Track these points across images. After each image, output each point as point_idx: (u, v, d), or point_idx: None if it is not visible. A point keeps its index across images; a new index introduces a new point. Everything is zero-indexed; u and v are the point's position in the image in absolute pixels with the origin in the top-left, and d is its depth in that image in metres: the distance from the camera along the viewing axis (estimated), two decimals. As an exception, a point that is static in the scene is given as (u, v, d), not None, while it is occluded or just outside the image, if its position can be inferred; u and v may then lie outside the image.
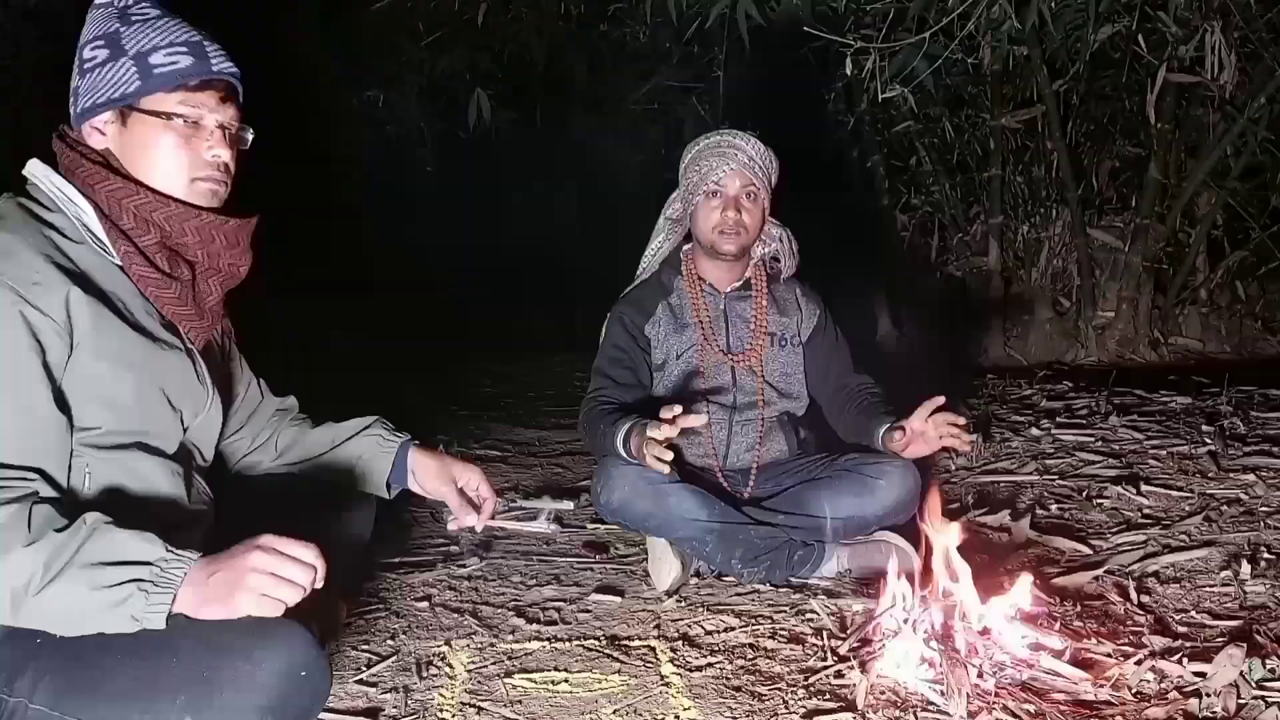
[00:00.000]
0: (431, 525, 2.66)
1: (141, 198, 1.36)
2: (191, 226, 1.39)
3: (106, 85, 1.36)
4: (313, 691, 1.22)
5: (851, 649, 1.80)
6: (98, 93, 1.36)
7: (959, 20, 3.49)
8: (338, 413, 1.79)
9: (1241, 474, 2.61)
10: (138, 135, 1.37)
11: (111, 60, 1.36)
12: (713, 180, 2.23)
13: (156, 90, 1.36)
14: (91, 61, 1.37)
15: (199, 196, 1.41)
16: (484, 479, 1.73)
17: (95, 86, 1.37)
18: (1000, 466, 2.95)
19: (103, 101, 1.36)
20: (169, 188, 1.39)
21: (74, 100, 1.39)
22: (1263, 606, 1.91)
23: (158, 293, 1.39)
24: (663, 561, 2.16)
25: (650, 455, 1.96)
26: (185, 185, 1.39)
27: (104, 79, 1.36)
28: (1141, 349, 4.81)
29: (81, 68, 1.38)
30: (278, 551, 1.20)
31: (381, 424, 1.75)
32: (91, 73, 1.37)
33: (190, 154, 1.39)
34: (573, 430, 3.57)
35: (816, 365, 2.39)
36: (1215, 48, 4.14)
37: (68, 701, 1.19)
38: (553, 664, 1.84)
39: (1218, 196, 4.67)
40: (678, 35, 5.04)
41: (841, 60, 3.60)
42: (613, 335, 2.35)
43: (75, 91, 1.39)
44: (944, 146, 5.22)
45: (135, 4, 1.40)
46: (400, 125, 5.99)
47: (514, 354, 5.74)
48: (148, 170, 1.38)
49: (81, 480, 1.30)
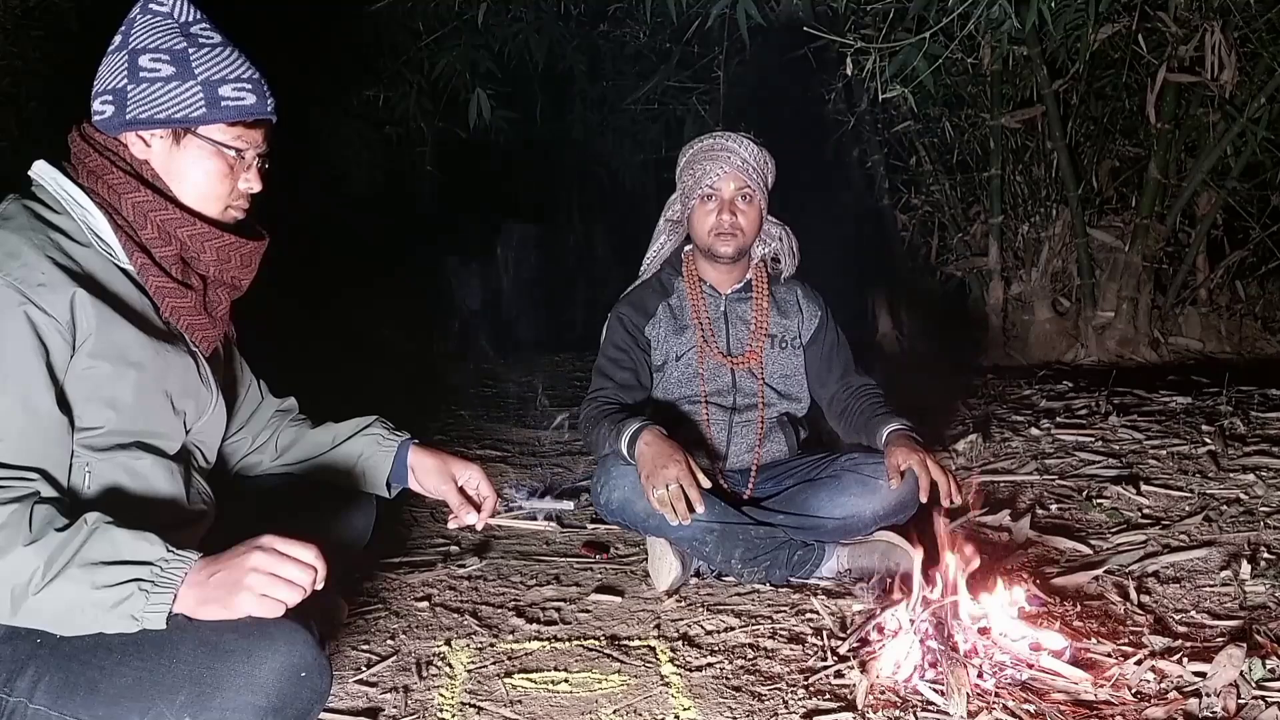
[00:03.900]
0: (431, 525, 2.66)
1: (169, 213, 1.39)
2: (212, 246, 1.43)
3: (170, 103, 1.37)
4: (313, 691, 1.22)
5: (851, 649, 1.80)
6: (157, 108, 1.36)
7: (959, 20, 3.48)
8: (338, 413, 1.79)
9: (1241, 474, 2.62)
10: (189, 157, 1.40)
11: (179, 80, 1.36)
12: (707, 184, 2.23)
13: (219, 121, 1.39)
14: (153, 73, 1.36)
15: (225, 220, 1.45)
16: (484, 477, 1.73)
17: (155, 100, 1.36)
18: (1000, 466, 2.95)
19: (162, 118, 1.37)
20: (202, 209, 1.42)
21: (117, 102, 1.37)
22: (1263, 606, 1.92)
23: (174, 303, 1.41)
24: (663, 561, 2.16)
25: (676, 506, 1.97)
26: (219, 211, 1.44)
27: (167, 95, 1.36)
28: (1141, 349, 4.81)
29: (136, 74, 1.36)
30: (278, 552, 1.20)
31: (381, 423, 1.76)
32: (152, 84, 1.36)
33: (230, 184, 1.43)
34: (573, 430, 3.57)
35: (817, 366, 2.39)
36: (1215, 47, 4.14)
37: (67, 701, 1.20)
38: (553, 664, 1.84)
39: (1217, 196, 4.67)
40: (678, 35, 5.04)
41: (841, 60, 3.59)
42: (613, 336, 2.35)
43: (121, 93, 1.37)
44: (944, 146, 5.21)
45: (197, 22, 1.41)
46: (400, 125, 5.98)
47: (514, 354, 5.74)
48: (186, 189, 1.41)
49: (82, 480, 1.31)
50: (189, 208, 1.41)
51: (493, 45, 5.25)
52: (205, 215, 1.42)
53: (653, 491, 2.00)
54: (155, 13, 1.39)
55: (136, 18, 1.40)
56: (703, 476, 2.01)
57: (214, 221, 1.43)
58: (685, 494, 1.97)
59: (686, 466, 2.00)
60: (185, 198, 1.41)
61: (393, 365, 5.15)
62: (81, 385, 1.29)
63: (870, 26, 4.26)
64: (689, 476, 1.99)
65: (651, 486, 2.01)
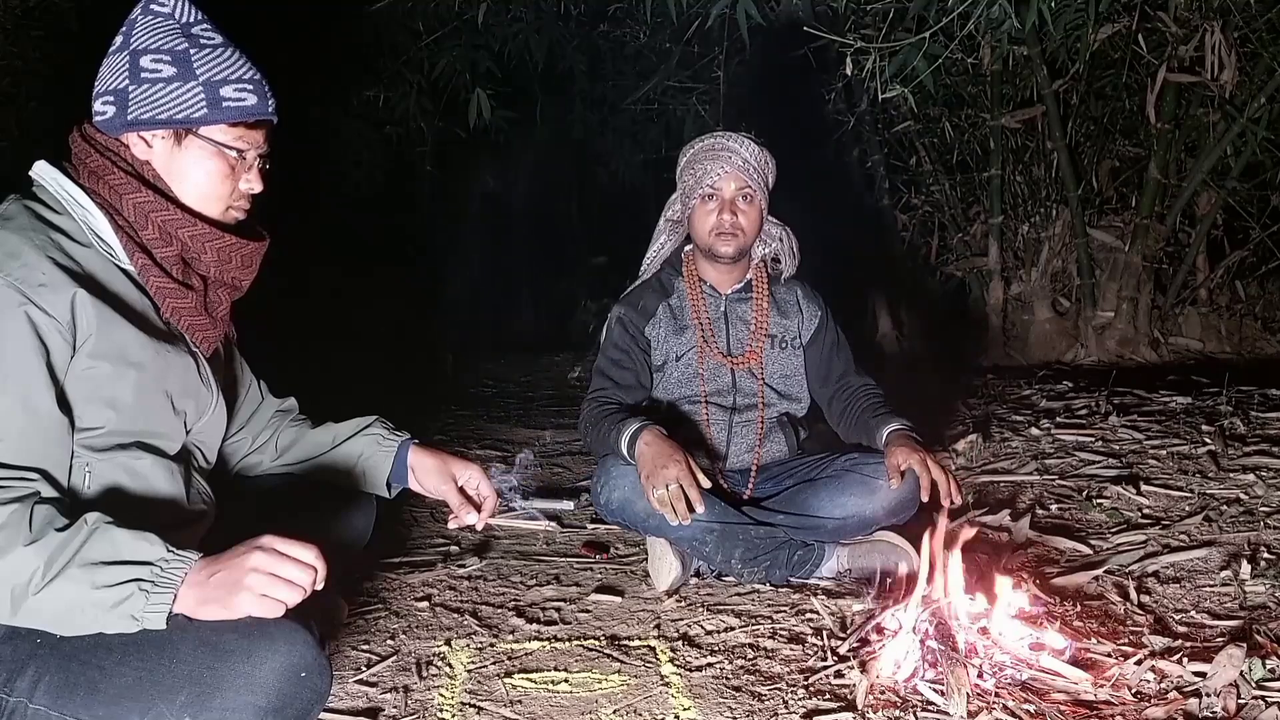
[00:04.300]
0: (431, 525, 2.66)
1: (170, 213, 1.39)
2: (214, 246, 1.43)
3: (171, 104, 1.37)
4: (313, 691, 1.22)
5: (851, 649, 1.80)
6: (159, 108, 1.37)
7: (959, 20, 3.48)
8: (338, 413, 1.79)
9: (1241, 474, 2.61)
10: (190, 157, 1.40)
11: (180, 81, 1.36)
12: (708, 184, 2.23)
13: (221, 122, 1.39)
14: (155, 74, 1.36)
15: (226, 220, 1.46)
16: (484, 477, 1.74)
17: (157, 101, 1.36)
18: (1000, 466, 2.95)
19: (164, 119, 1.37)
20: (203, 210, 1.42)
21: (119, 103, 1.37)
22: (1263, 606, 1.92)
23: (175, 304, 1.41)
24: (663, 561, 2.16)
25: (676, 506, 1.98)
26: (220, 211, 1.44)
27: (169, 97, 1.36)
28: (1141, 349, 4.81)
29: (137, 74, 1.36)
30: (278, 552, 1.20)
31: (381, 423, 1.76)
32: (153, 85, 1.36)
33: (232, 184, 1.44)
34: (573, 430, 3.57)
35: (817, 367, 2.39)
36: (1215, 48, 4.14)
37: (68, 701, 1.20)
38: (553, 664, 1.84)
39: (1217, 196, 4.67)
40: (678, 35, 5.04)
41: (841, 60, 3.59)
42: (613, 336, 2.35)
43: (122, 94, 1.37)
44: (944, 146, 5.21)
45: (198, 22, 1.41)
46: (400, 125, 5.99)
47: (513, 354, 5.74)
48: (187, 190, 1.41)
49: (82, 480, 1.31)
50: (190, 208, 1.41)
51: (493, 45, 5.25)
52: (206, 216, 1.43)
53: (653, 491, 2.00)
54: (156, 13, 1.39)
55: (138, 18, 1.39)
56: (703, 476, 2.01)
57: (215, 222, 1.43)
58: (685, 494, 1.97)
59: (686, 466, 2.00)
60: (186, 198, 1.41)
61: (392, 365, 5.15)
62: (82, 385, 1.29)
63: (870, 26, 4.26)
64: (689, 476, 1.99)
65: (651, 486, 2.01)
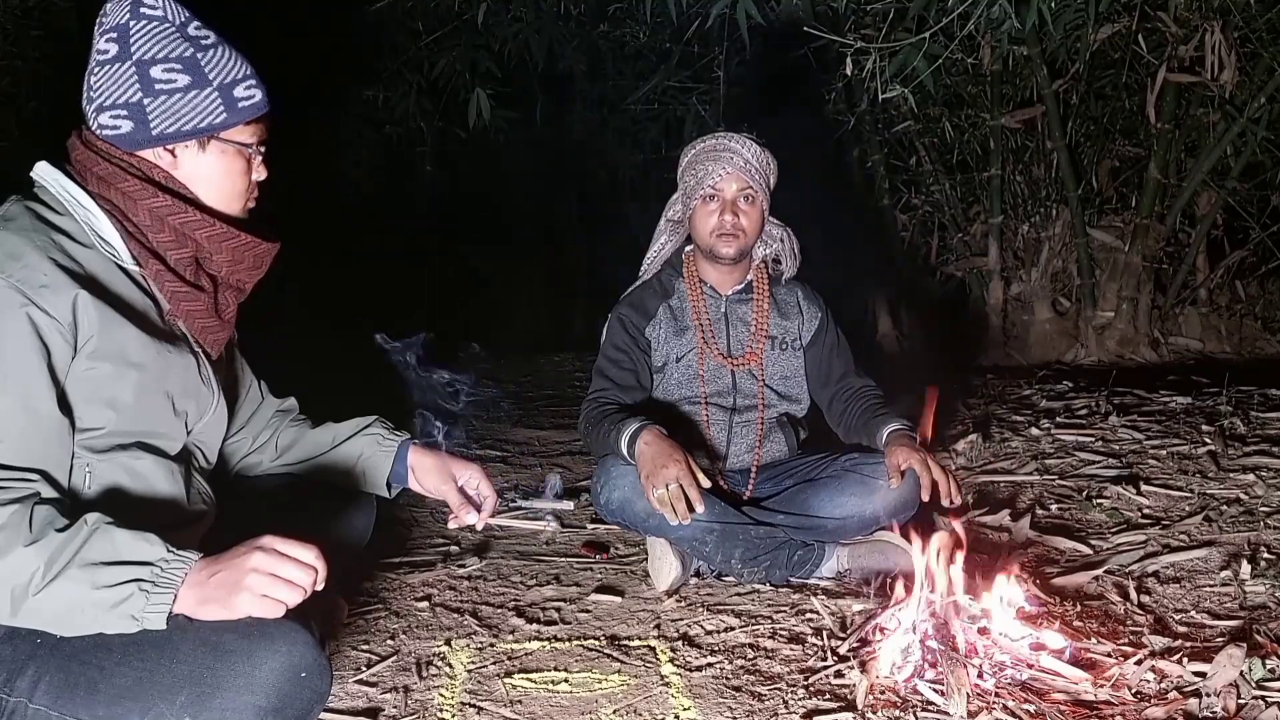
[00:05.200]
0: (431, 525, 2.66)
1: (188, 215, 1.39)
2: (229, 246, 1.43)
3: (193, 113, 1.37)
4: (313, 691, 1.22)
5: (851, 649, 1.80)
6: (183, 119, 1.37)
7: (959, 20, 3.48)
8: (338, 413, 1.79)
9: (1241, 474, 2.61)
10: (211, 160, 1.41)
11: (196, 89, 1.37)
12: (709, 184, 2.23)
13: (239, 123, 1.41)
14: (170, 84, 1.36)
15: (244, 215, 1.47)
16: (485, 477, 1.74)
17: (179, 112, 1.36)
18: (1000, 466, 2.95)
19: (189, 130, 1.37)
20: (225, 208, 1.44)
21: (136, 118, 1.35)
22: (1263, 606, 1.92)
23: (189, 307, 1.42)
24: (663, 561, 2.16)
25: (676, 506, 1.97)
26: (241, 207, 1.46)
27: (189, 106, 1.36)
28: (1141, 349, 4.81)
29: (151, 87, 1.35)
30: (278, 552, 1.20)
31: (381, 423, 1.76)
32: (170, 96, 1.36)
33: (249, 179, 1.46)
34: (573, 430, 3.57)
35: (817, 368, 2.39)
36: (1215, 48, 4.14)
37: (68, 701, 1.20)
38: (553, 664, 1.84)
39: (1217, 196, 4.67)
40: (678, 35, 5.04)
41: (841, 60, 3.59)
42: (613, 336, 2.35)
43: (138, 108, 1.35)
44: (944, 146, 5.21)
45: (189, 22, 1.40)
46: (400, 125, 5.99)
47: (512, 353, 5.74)
48: (210, 192, 1.42)
49: (83, 481, 1.31)
50: (209, 208, 1.42)
51: (493, 45, 5.25)
52: (225, 215, 1.43)
53: (653, 491, 2.00)
54: (150, 18, 1.37)
55: (130, 24, 1.36)
56: (702, 476, 2.01)
57: (231, 220, 1.44)
58: (685, 494, 1.97)
59: (686, 466, 2.00)
60: (209, 200, 1.42)
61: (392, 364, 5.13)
62: (82, 386, 1.29)
63: (870, 26, 4.26)
64: (689, 476, 1.99)
65: (651, 486, 2.01)
